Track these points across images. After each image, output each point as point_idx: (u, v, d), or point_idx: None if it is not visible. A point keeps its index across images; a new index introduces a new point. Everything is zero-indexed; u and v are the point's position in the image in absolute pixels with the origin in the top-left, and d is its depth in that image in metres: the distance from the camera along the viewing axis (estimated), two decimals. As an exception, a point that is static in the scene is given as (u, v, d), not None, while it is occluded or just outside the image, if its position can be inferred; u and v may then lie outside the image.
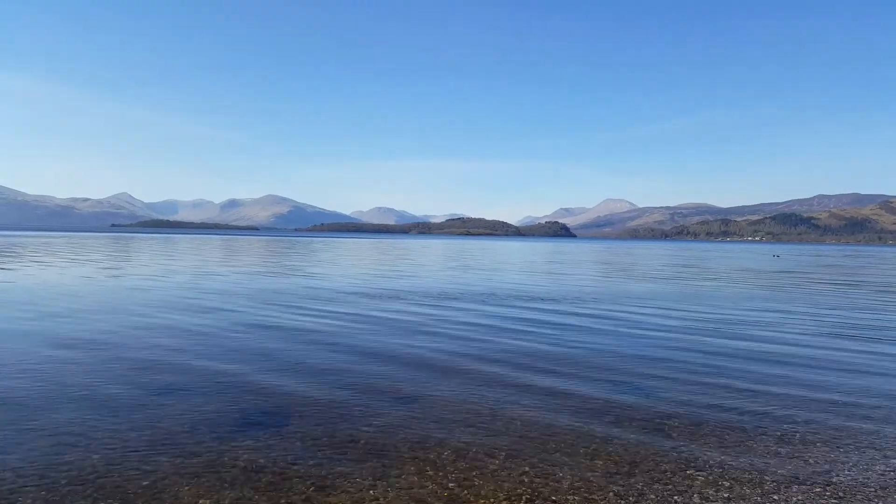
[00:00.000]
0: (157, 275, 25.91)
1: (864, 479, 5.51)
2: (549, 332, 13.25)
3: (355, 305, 16.96)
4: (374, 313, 15.47)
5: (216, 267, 32.39)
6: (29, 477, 5.10)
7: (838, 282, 32.29)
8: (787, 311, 17.91)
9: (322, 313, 15.23)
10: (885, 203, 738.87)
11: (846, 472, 5.64)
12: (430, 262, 43.92)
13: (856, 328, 14.65)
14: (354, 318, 14.63)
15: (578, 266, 42.78)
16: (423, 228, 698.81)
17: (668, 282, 29.33)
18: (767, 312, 17.39)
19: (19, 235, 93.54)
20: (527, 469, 5.55)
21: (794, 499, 5.05)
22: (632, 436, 6.51)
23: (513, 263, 45.22)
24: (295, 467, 5.46)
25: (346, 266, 36.67)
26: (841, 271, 44.07)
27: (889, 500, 5.08)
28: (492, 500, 4.93)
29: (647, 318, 15.62)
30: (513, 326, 13.85)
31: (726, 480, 5.38)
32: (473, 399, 7.80)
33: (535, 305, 17.99)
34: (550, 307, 17.60)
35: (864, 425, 7.06)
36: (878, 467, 5.79)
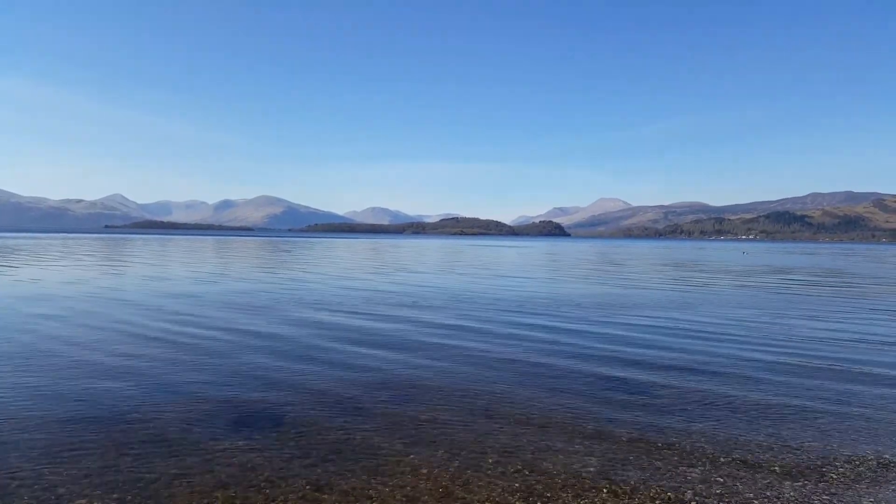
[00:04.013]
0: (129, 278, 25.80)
1: (856, 474, 5.55)
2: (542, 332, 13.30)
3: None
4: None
5: (170, 269, 32.28)
6: (24, 477, 5.08)
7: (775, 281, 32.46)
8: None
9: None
10: (879, 201, 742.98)
11: (839, 468, 5.68)
12: (394, 264, 43.88)
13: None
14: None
15: (543, 268, 42.85)
16: (417, 228, 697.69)
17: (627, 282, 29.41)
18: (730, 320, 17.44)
19: (3, 237, 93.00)
20: (520, 466, 5.57)
21: (787, 494, 5.08)
22: (625, 433, 6.54)
23: (479, 265, 45.24)
24: (290, 466, 5.46)
25: (300, 268, 36.59)
26: (789, 269, 44.29)
27: (881, 494, 5.13)
28: (486, 497, 4.94)
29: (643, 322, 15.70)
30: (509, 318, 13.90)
31: (720, 476, 5.41)
32: (468, 397, 7.82)
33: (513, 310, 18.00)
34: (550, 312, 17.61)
35: (855, 421, 7.11)
36: (870, 462, 5.83)
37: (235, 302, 17.19)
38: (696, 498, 4.98)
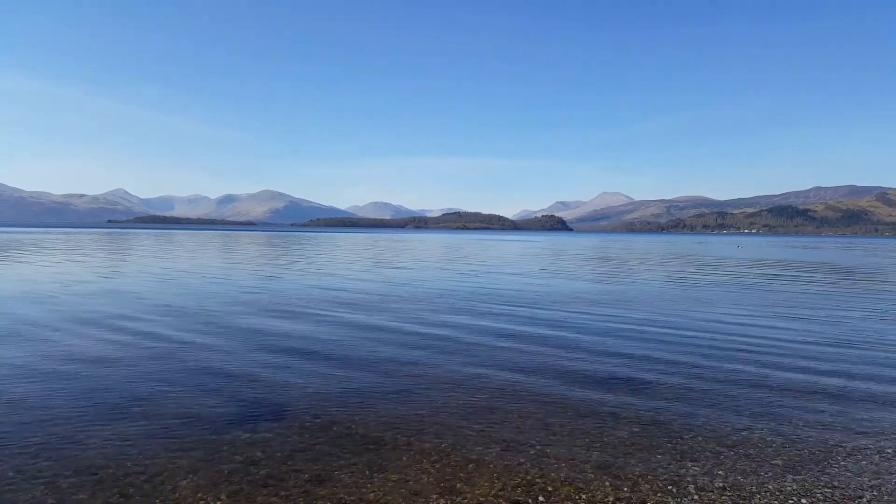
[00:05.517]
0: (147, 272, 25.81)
1: (858, 468, 5.54)
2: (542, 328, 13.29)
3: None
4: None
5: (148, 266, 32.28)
6: (28, 472, 5.10)
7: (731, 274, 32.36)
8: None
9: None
10: (882, 195, 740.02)
11: (841, 462, 5.67)
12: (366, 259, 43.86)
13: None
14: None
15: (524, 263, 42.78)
16: (419, 223, 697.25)
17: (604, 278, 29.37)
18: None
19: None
20: (522, 460, 5.57)
21: (789, 488, 5.08)
22: (626, 427, 6.54)
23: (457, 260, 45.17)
24: (292, 460, 5.47)
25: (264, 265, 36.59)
26: (768, 263, 44.17)
27: (884, 489, 5.12)
28: (489, 491, 4.94)
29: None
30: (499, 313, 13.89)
31: (721, 470, 5.41)
32: (470, 392, 7.82)
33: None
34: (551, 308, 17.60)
35: (858, 415, 7.10)
36: (872, 457, 5.82)
37: (239, 298, 17.22)
38: (699, 491, 4.98)
